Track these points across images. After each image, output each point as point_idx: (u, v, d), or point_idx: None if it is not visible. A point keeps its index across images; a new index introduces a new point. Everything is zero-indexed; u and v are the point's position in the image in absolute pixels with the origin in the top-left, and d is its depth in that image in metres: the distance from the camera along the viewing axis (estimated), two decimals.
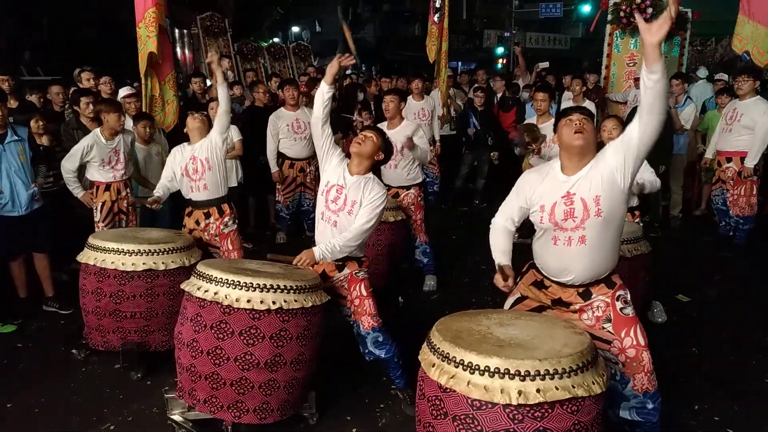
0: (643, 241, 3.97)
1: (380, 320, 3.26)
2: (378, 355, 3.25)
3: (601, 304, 2.64)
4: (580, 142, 2.52)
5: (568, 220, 2.55)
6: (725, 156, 5.99)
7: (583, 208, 2.51)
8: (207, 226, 4.22)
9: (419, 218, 4.98)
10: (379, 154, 3.26)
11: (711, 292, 5.04)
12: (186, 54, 13.02)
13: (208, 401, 2.85)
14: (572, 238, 2.57)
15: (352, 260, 3.27)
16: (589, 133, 2.54)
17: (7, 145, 4.28)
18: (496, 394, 2.10)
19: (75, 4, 13.67)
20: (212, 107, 5.95)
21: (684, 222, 7.13)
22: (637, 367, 2.62)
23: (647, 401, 2.66)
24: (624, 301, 2.65)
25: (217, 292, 2.78)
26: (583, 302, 2.67)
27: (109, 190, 4.76)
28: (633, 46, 8.18)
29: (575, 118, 2.57)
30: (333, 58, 3.30)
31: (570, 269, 2.63)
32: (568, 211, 2.54)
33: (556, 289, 2.72)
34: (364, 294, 3.26)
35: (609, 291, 2.65)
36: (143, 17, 5.32)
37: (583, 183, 2.53)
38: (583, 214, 2.52)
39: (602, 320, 2.64)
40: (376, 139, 3.23)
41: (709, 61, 13.23)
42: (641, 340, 2.61)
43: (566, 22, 28.82)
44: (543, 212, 2.61)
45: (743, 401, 3.38)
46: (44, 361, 3.87)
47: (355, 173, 3.21)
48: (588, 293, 2.66)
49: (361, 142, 3.22)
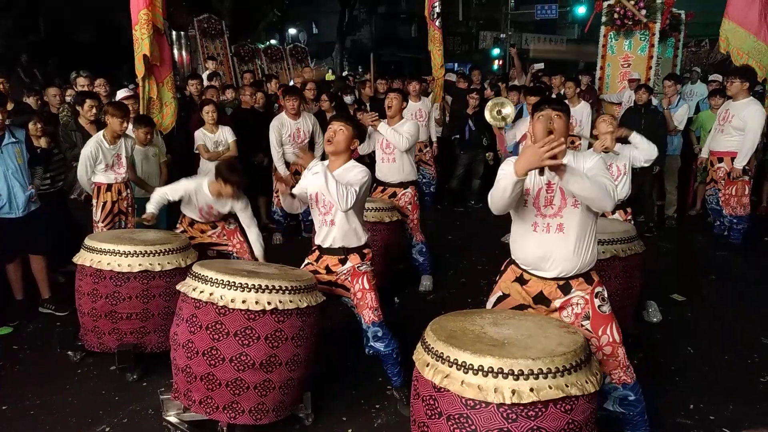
0: (637, 241, 3.99)
1: (381, 315, 3.26)
2: (378, 349, 3.26)
3: (580, 300, 2.67)
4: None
5: (547, 207, 2.63)
6: (717, 156, 6.02)
7: (561, 197, 2.60)
8: (213, 232, 4.37)
9: (415, 218, 5.00)
10: (354, 141, 3.22)
11: (706, 292, 5.06)
12: (183, 56, 13.03)
13: (203, 402, 2.85)
14: (551, 225, 2.63)
15: (354, 252, 3.28)
16: (558, 132, 2.54)
17: (4, 147, 4.28)
18: (489, 393, 2.10)
19: (72, 6, 13.66)
20: (207, 111, 5.97)
21: (679, 222, 7.15)
22: (613, 363, 2.68)
23: (628, 393, 2.72)
24: (602, 299, 2.69)
25: (213, 293, 2.79)
26: (563, 297, 2.68)
27: (111, 191, 4.76)
28: (627, 48, 8.21)
29: (547, 114, 2.61)
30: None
31: (550, 257, 2.64)
32: (548, 198, 2.63)
33: (536, 282, 2.72)
34: (366, 287, 3.25)
35: (588, 287, 2.68)
36: (137, 19, 5.34)
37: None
38: (560, 203, 2.61)
39: (581, 317, 2.67)
40: (345, 129, 3.17)
41: (704, 62, 13.28)
42: (617, 337, 2.66)
43: (561, 23, 28.89)
44: (529, 195, 2.67)
45: (739, 400, 3.39)
46: (40, 362, 3.87)
47: (334, 168, 3.19)
48: (568, 287, 2.68)
49: (331, 139, 3.16)
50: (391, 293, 4.87)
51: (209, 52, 11.48)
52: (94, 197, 4.74)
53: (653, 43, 8.01)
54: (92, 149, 4.58)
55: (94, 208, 4.74)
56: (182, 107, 6.94)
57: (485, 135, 7.65)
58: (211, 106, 6.01)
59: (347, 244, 3.27)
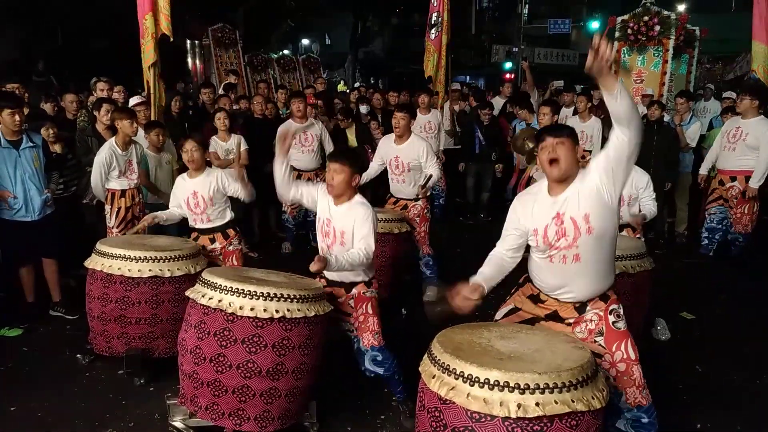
0: (647, 258, 3.97)
1: (382, 340, 3.23)
2: (377, 373, 3.24)
3: (594, 317, 2.66)
4: (555, 173, 2.54)
5: (561, 240, 2.57)
6: (729, 175, 5.95)
7: (574, 227, 2.52)
8: (213, 249, 4.24)
9: (423, 230, 5.00)
10: (355, 178, 3.15)
11: (715, 310, 5.02)
12: (197, 64, 13.18)
13: (209, 408, 2.86)
14: (567, 256, 2.58)
15: (361, 283, 3.28)
16: (564, 159, 2.51)
17: (22, 151, 4.35)
18: (495, 406, 2.10)
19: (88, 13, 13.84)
20: (219, 117, 6.03)
21: (689, 239, 7.10)
22: (627, 381, 2.64)
23: (642, 415, 2.68)
24: (617, 315, 2.66)
25: (221, 300, 2.81)
26: (577, 316, 2.68)
27: (125, 197, 4.81)
28: (640, 63, 8.22)
29: (548, 144, 2.55)
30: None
31: (568, 286, 2.64)
32: (560, 231, 2.56)
33: (552, 303, 2.73)
34: (369, 312, 3.25)
35: (603, 305, 2.67)
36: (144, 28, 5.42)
37: (570, 202, 2.53)
38: (574, 233, 2.53)
39: (594, 333, 2.65)
40: (342, 170, 3.09)
41: (718, 79, 13.25)
42: (632, 354, 2.62)
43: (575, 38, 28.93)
44: (537, 236, 2.62)
45: (748, 420, 3.36)
46: (49, 365, 3.90)
47: (339, 203, 3.18)
48: (584, 307, 2.68)
49: (331, 182, 3.11)
50: (398, 304, 4.87)
51: (223, 62, 11.59)
52: (108, 203, 4.79)
53: (667, 59, 8.02)
54: (106, 155, 4.64)
55: (108, 214, 4.80)
56: (195, 116, 7.03)
57: (495, 150, 7.67)
58: (223, 113, 6.07)
59: (355, 279, 3.26)
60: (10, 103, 4.29)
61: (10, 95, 4.64)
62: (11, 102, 4.31)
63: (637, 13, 8.22)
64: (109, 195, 4.78)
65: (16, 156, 4.31)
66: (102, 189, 4.74)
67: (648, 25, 7.96)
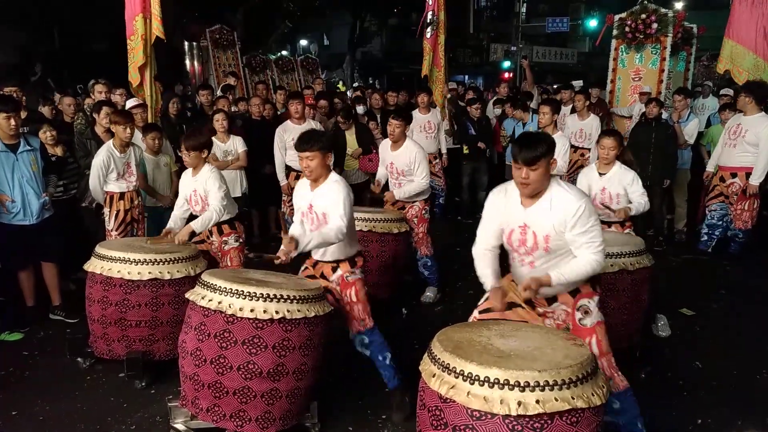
0: (646, 255, 3.97)
1: (367, 324, 3.34)
2: (364, 354, 3.38)
3: (561, 313, 2.77)
4: (526, 191, 2.66)
5: (521, 247, 2.75)
6: (729, 171, 5.96)
7: (534, 240, 2.69)
8: (211, 243, 4.28)
9: (422, 231, 5.00)
10: (327, 157, 3.27)
11: (715, 306, 5.02)
12: (195, 66, 13.15)
13: (210, 410, 2.87)
14: (524, 260, 2.79)
15: (345, 261, 3.35)
16: (535, 181, 2.60)
17: (19, 154, 4.35)
18: (495, 404, 2.11)
19: (86, 16, 13.83)
20: (217, 119, 6.04)
21: (688, 236, 7.10)
22: None
23: (612, 400, 2.72)
24: (584, 312, 2.74)
25: (221, 302, 2.81)
26: (547, 306, 2.80)
27: (123, 199, 4.81)
28: (638, 61, 8.22)
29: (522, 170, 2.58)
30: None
31: None
32: (522, 240, 2.73)
33: None
34: (353, 299, 3.34)
35: (571, 300, 2.76)
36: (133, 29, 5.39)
37: (537, 218, 2.67)
38: (532, 246, 2.71)
39: (561, 329, 2.73)
40: (315, 156, 3.18)
41: (716, 76, 13.24)
42: (595, 349, 2.67)
43: (573, 36, 28.96)
44: (503, 234, 2.82)
45: (748, 416, 3.36)
46: (50, 369, 3.90)
47: (317, 186, 3.28)
48: (553, 299, 2.80)
49: (306, 170, 3.22)
50: (398, 304, 4.88)
51: (221, 64, 11.58)
52: (107, 206, 4.78)
53: (664, 56, 8.01)
54: (104, 158, 4.64)
55: (107, 217, 4.79)
56: (193, 117, 7.03)
57: (489, 147, 7.71)
58: (222, 114, 6.08)
59: (339, 256, 3.37)
60: (7, 106, 4.28)
61: (6, 99, 4.63)
62: (7, 105, 4.31)
63: (634, 11, 8.21)
64: (107, 198, 4.78)
65: (13, 160, 4.31)
66: (101, 192, 4.74)
67: (646, 22, 7.94)
